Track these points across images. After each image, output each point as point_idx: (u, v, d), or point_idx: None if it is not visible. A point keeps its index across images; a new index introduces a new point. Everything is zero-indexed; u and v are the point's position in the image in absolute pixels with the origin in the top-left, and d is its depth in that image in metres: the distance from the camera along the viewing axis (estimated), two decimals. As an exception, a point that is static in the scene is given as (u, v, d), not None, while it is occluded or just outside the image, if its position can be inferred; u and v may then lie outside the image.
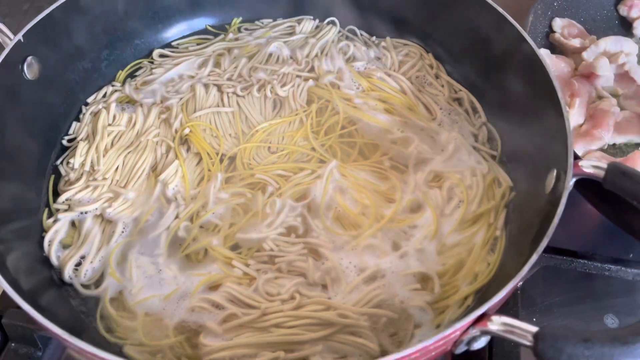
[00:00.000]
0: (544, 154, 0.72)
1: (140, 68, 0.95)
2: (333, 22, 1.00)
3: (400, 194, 0.78)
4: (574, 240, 0.85)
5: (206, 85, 0.91)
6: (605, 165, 0.62)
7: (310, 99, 0.90)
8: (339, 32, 0.99)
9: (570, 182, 0.63)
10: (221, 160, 0.83)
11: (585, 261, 0.82)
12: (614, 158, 0.89)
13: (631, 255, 0.83)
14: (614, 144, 0.93)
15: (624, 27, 1.10)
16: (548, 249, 0.64)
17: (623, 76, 0.99)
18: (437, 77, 0.93)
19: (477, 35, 0.86)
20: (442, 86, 0.91)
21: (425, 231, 0.74)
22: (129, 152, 0.82)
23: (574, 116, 0.93)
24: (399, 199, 0.77)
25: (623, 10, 1.09)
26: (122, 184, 0.79)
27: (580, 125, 0.94)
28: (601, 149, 0.91)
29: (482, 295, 0.69)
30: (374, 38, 0.98)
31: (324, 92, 0.91)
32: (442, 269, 0.71)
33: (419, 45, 0.96)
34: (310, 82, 0.92)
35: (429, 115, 0.88)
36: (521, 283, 0.79)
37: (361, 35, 0.99)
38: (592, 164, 0.63)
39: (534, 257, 0.58)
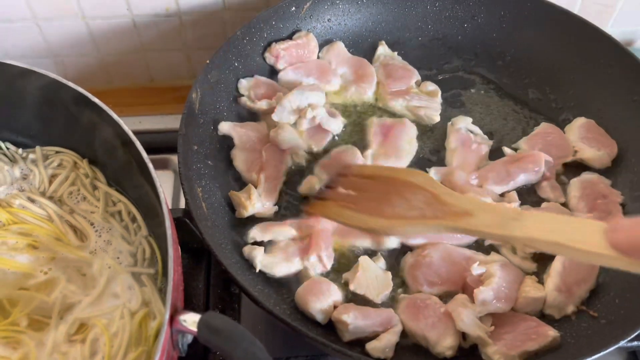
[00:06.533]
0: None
1: None
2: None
3: (33, 364, 0.64)
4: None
5: None
6: (197, 319, 0.52)
7: None
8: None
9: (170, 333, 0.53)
10: None
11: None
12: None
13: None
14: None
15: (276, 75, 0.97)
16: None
17: (318, 129, 0.92)
18: (95, 187, 0.79)
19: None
20: (99, 200, 0.78)
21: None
22: None
23: (264, 193, 0.85)
24: (29, 372, 0.64)
25: (270, 59, 0.96)
26: None
27: (275, 201, 0.85)
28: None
29: None
30: (20, 151, 0.83)
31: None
32: None
33: (73, 152, 0.82)
34: None
35: (80, 242, 0.74)
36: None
37: (7, 149, 0.83)
38: (185, 318, 0.53)
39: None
